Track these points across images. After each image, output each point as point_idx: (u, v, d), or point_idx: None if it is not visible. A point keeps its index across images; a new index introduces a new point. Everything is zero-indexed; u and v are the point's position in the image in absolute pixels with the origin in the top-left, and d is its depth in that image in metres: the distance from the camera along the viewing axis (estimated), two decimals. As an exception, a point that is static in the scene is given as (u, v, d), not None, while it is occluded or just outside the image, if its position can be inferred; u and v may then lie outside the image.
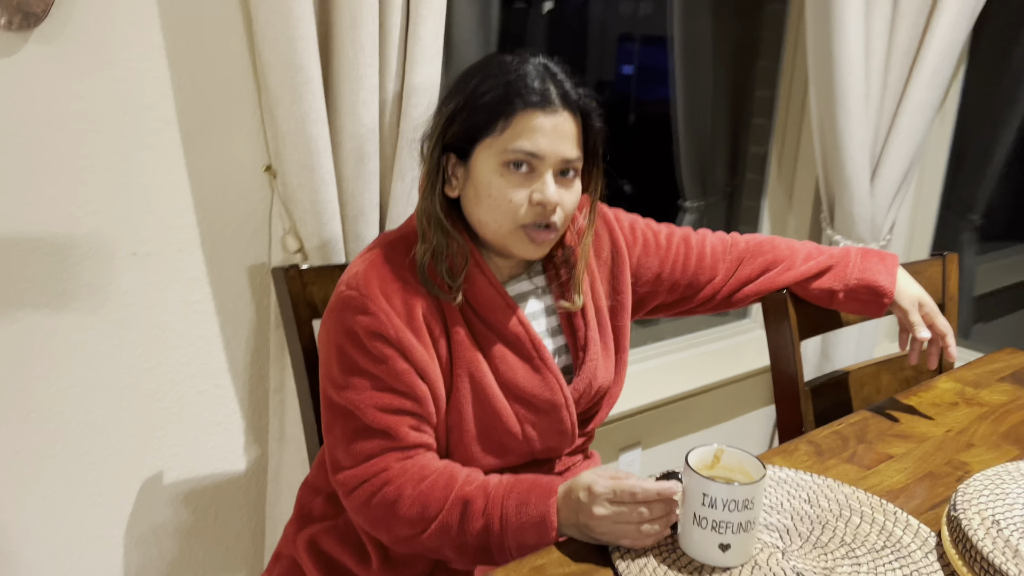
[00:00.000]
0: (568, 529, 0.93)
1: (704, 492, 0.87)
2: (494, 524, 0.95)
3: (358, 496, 1.01)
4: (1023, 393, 1.38)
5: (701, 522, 0.88)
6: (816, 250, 1.29)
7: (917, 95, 2.03)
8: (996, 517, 0.91)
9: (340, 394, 1.02)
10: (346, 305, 1.02)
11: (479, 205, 1.03)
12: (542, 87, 1.01)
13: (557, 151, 1.01)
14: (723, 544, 0.88)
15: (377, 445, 1.00)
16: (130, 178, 1.28)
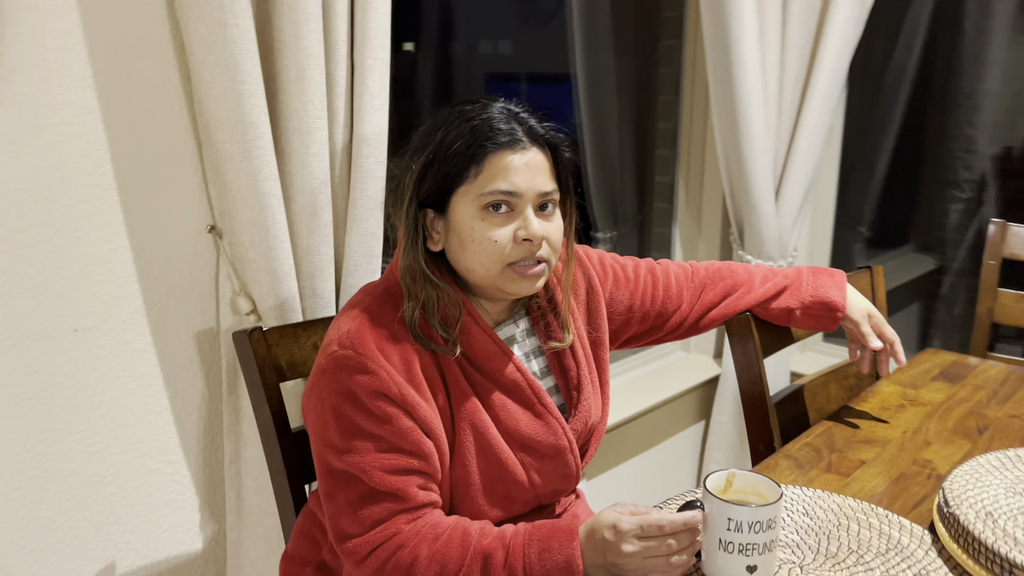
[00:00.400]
0: (594, 571, 0.93)
1: (729, 517, 0.89)
2: (518, 575, 0.93)
3: (371, 564, 0.96)
4: (956, 389, 1.49)
5: (727, 547, 0.89)
6: (770, 272, 1.35)
7: (810, 120, 2.17)
8: (988, 509, 0.97)
9: (341, 459, 0.98)
10: (342, 365, 0.98)
11: (465, 252, 1.02)
12: (508, 127, 1.01)
13: (533, 186, 1.01)
14: (750, 566, 0.90)
15: (386, 509, 0.97)
16: (68, 249, 1.20)
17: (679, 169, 2.50)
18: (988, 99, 3.32)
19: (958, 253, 3.46)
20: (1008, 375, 1.57)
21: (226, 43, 1.17)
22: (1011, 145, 3.25)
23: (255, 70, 1.20)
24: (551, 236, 1.03)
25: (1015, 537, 0.92)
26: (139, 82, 1.22)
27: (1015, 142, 3.22)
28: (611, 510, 0.94)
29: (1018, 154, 3.22)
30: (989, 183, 3.33)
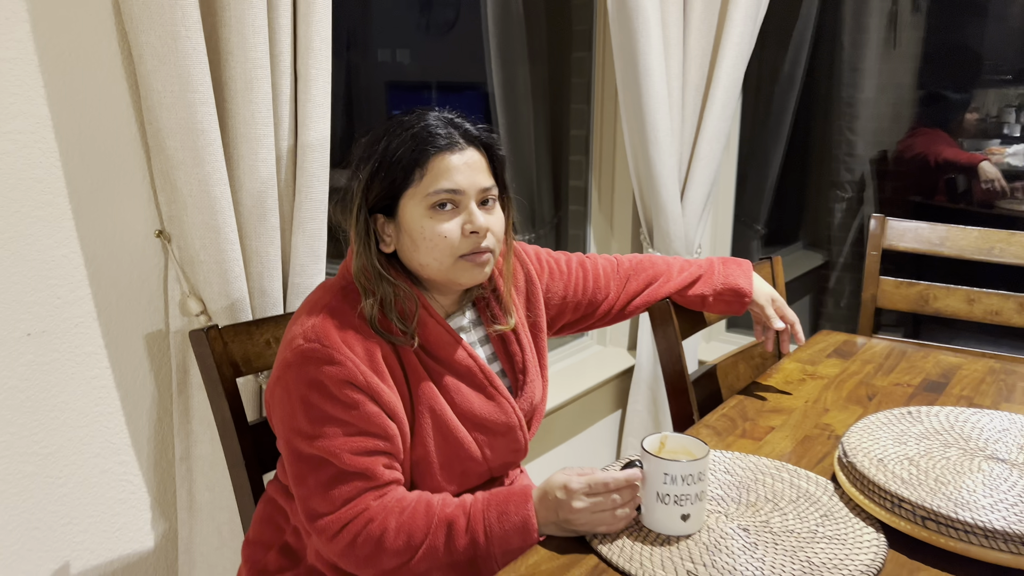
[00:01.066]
0: (548, 528, 1.03)
1: (665, 472, 1.01)
2: (479, 538, 1.03)
3: (342, 538, 1.04)
4: (848, 364, 1.68)
5: (664, 499, 1.02)
6: (686, 263, 1.49)
7: (711, 126, 2.35)
8: (879, 456, 1.13)
9: (311, 444, 1.05)
10: (308, 358, 1.06)
11: (417, 250, 1.11)
12: (446, 131, 1.11)
13: (474, 183, 1.11)
14: (684, 515, 1.02)
15: (355, 487, 1.05)
16: (21, 255, 1.22)
17: (592, 173, 2.65)
18: (866, 107, 3.62)
19: (843, 249, 3.75)
20: (891, 351, 1.76)
21: (178, 54, 1.22)
22: (887, 149, 3.55)
23: (205, 80, 1.26)
24: (494, 227, 1.14)
25: (902, 477, 1.08)
26: (88, 92, 1.26)
27: (890, 146, 3.53)
28: (561, 473, 1.04)
29: (893, 157, 3.53)
30: (868, 184, 3.63)
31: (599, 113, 2.59)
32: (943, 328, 3.22)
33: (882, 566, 0.99)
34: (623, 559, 1.00)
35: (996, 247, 2.11)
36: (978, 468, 1.11)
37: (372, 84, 2.42)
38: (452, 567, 1.04)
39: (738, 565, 0.98)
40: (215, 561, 1.46)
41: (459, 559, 1.03)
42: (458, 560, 1.03)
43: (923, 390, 1.54)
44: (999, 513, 0.99)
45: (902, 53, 3.59)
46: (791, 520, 1.07)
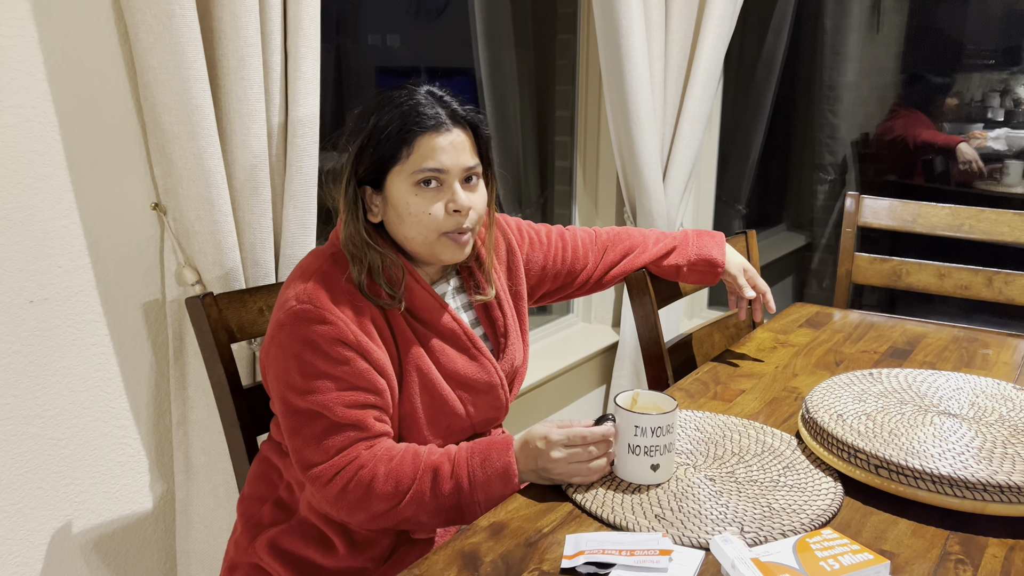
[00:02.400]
0: (527, 475, 1.10)
1: (636, 424, 1.08)
2: (463, 483, 1.09)
3: (335, 485, 1.11)
4: (819, 333, 1.75)
5: (636, 450, 1.09)
6: (661, 235, 1.56)
7: (692, 107, 2.41)
8: (839, 412, 1.20)
9: (305, 399, 1.11)
10: (301, 318, 1.12)
11: (402, 224, 1.17)
12: (433, 111, 1.17)
13: (458, 163, 1.17)
14: (653, 465, 1.09)
15: (347, 438, 1.11)
16: (24, 225, 1.28)
17: (576, 154, 2.70)
18: (848, 90, 3.68)
19: (825, 230, 3.82)
20: (861, 321, 1.84)
21: (172, 32, 1.27)
22: (868, 131, 3.62)
23: (199, 57, 1.31)
24: (476, 205, 1.20)
25: (859, 431, 1.15)
26: (87, 68, 1.31)
27: (872, 129, 3.59)
28: (541, 425, 1.11)
29: (874, 139, 3.60)
30: (850, 166, 3.70)
31: (583, 94, 2.65)
32: (920, 305, 3.30)
33: (837, 511, 1.06)
34: (596, 505, 1.06)
35: (965, 223, 2.19)
36: (930, 422, 1.18)
37: (363, 69, 2.46)
38: (438, 512, 1.10)
39: (703, 510, 1.05)
40: (211, 521, 1.53)
41: (444, 504, 1.10)
42: (443, 505, 1.10)
43: (889, 356, 1.61)
44: (946, 461, 1.06)
45: (885, 37, 3.65)
46: (755, 471, 1.14)
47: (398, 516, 1.11)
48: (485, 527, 1.03)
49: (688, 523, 1.02)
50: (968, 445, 1.11)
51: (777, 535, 1.00)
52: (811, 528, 1.01)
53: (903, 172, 3.52)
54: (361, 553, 1.19)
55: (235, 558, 1.25)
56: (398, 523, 1.12)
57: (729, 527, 1.01)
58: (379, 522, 1.12)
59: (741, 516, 1.03)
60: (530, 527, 1.03)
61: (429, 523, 1.12)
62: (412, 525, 1.13)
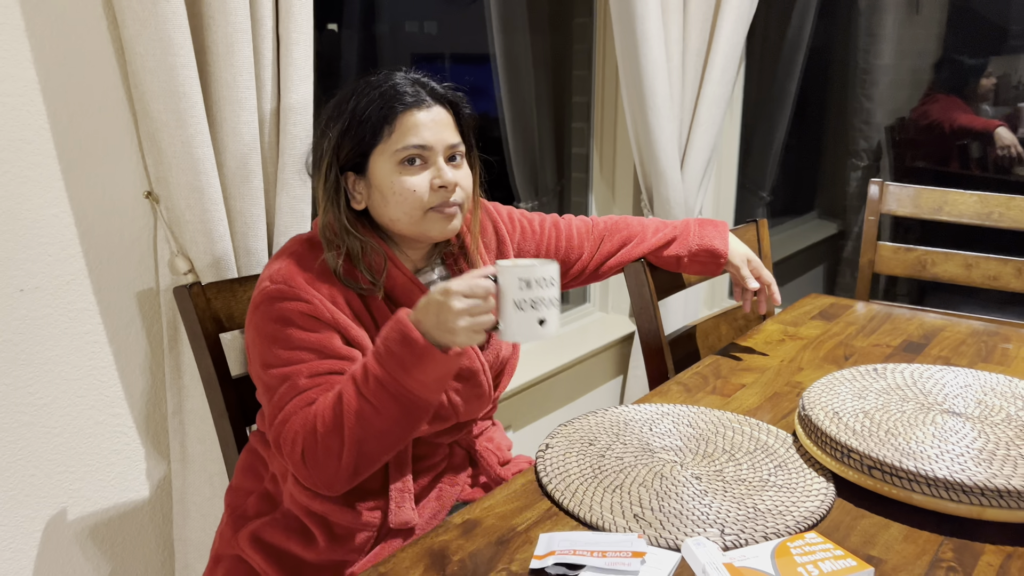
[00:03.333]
0: (434, 332, 1.02)
1: (520, 277, 1.02)
2: (375, 369, 1.03)
3: (296, 447, 1.07)
4: (831, 326, 1.69)
5: (521, 305, 1.03)
6: (661, 224, 1.51)
7: (711, 91, 2.35)
8: (836, 409, 1.15)
9: (276, 371, 1.10)
10: (274, 297, 1.11)
11: (388, 205, 1.15)
12: (413, 89, 1.15)
13: (441, 139, 1.15)
14: (540, 319, 1.03)
15: (304, 399, 1.09)
16: (13, 213, 1.28)
17: (593, 141, 2.65)
18: (883, 74, 3.56)
19: (858, 218, 3.71)
20: (876, 313, 1.77)
21: (159, 18, 1.26)
22: (904, 116, 3.50)
23: (187, 44, 1.29)
24: (462, 182, 1.17)
25: (854, 429, 1.10)
26: (75, 56, 1.30)
27: (907, 114, 3.47)
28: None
29: (910, 125, 3.48)
30: (884, 152, 3.58)
31: (600, 79, 2.60)
32: (951, 297, 3.19)
33: (827, 513, 1.02)
34: (574, 503, 1.03)
35: (995, 212, 2.10)
36: (931, 421, 1.12)
37: (398, 56, 2.45)
38: (382, 415, 1.04)
39: (685, 510, 1.01)
40: (207, 510, 1.53)
41: (382, 405, 1.04)
42: (382, 407, 1.04)
43: (901, 351, 1.55)
44: (943, 463, 1.01)
45: (925, 18, 3.52)
46: (745, 470, 1.10)
47: (359, 450, 1.05)
48: (458, 524, 1.01)
49: (667, 524, 0.98)
50: (969, 446, 1.05)
51: (759, 538, 0.95)
52: (796, 531, 0.97)
53: (939, 158, 3.40)
54: (341, 546, 1.17)
55: (219, 550, 1.24)
56: (368, 454, 1.06)
57: (709, 529, 0.97)
58: (352, 465, 1.06)
59: (724, 517, 0.99)
60: (504, 525, 1.00)
61: (391, 434, 1.06)
62: (382, 447, 1.07)
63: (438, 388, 1.05)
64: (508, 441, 1.38)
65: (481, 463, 1.28)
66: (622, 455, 1.14)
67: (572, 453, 1.15)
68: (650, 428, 1.22)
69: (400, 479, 1.18)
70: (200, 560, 1.53)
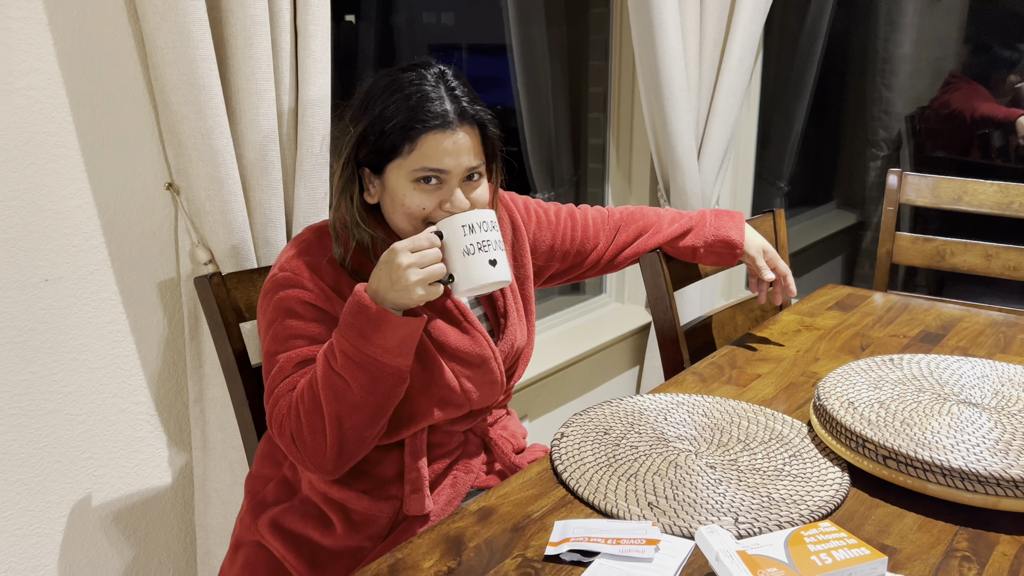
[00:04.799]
0: (391, 295, 1.04)
1: (463, 224, 1.05)
2: (342, 344, 1.05)
3: (285, 430, 1.10)
4: (848, 316, 1.68)
5: (469, 250, 1.05)
6: (677, 214, 1.51)
7: (728, 81, 2.34)
8: (851, 400, 1.15)
9: (271, 357, 1.14)
10: (280, 284, 1.13)
11: (396, 214, 1.16)
12: (440, 109, 1.12)
13: (460, 164, 1.13)
14: (491, 260, 1.05)
15: (291, 382, 1.12)
16: (37, 205, 1.30)
17: (610, 131, 2.65)
18: (903, 63, 3.52)
19: (878, 209, 3.69)
20: (893, 304, 1.76)
21: (178, 11, 1.27)
22: (924, 105, 3.47)
23: (206, 36, 1.31)
24: (476, 204, 1.16)
25: (869, 419, 1.10)
26: (97, 48, 1.32)
27: (927, 103, 3.44)
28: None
29: (931, 114, 3.45)
30: (904, 142, 3.55)
31: (617, 69, 2.59)
32: (971, 288, 3.17)
33: (841, 503, 1.02)
34: (589, 491, 1.04)
35: (1016, 201, 2.08)
36: (947, 412, 1.12)
37: (416, 47, 2.45)
38: (353, 387, 1.05)
39: (699, 499, 1.02)
40: (228, 497, 1.55)
41: (349, 378, 1.05)
42: (351, 380, 1.05)
43: (919, 341, 1.55)
44: (959, 453, 1.01)
45: (946, 6, 3.49)
46: (759, 459, 1.11)
47: (338, 422, 1.06)
48: (473, 511, 1.02)
49: (681, 512, 0.99)
50: (985, 437, 1.05)
51: (773, 526, 0.96)
52: (810, 520, 0.97)
53: (960, 147, 3.37)
54: (358, 532, 1.19)
55: (240, 536, 1.27)
56: (350, 430, 1.07)
57: (723, 517, 0.98)
58: (337, 443, 1.07)
59: (738, 506, 1.00)
60: (519, 512, 1.01)
61: (367, 405, 1.07)
62: (361, 421, 1.08)
63: (402, 352, 1.06)
64: (523, 430, 1.39)
65: (496, 451, 1.29)
66: (637, 444, 1.15)
67: (587, 442, 1.16)
68: (665, 418, 1.22)
69: (416, 466, 1.20)
70: (221, 546, 1.55)
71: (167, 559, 1.58)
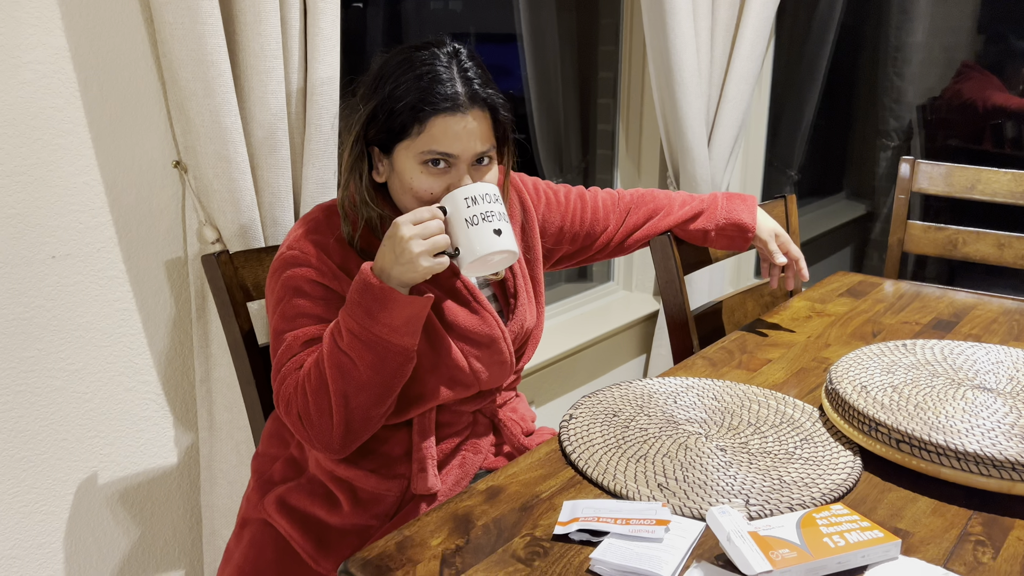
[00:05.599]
0: (396, 270, 1.04)
1: (465, 196, 1.05)
2: (348, 323, 1.05)
3: (292, 407, 1.10)
4: (859, 303, 1.67)
5: (474, 221, 1.05)
6: (688, 197, 1.50)
7: (740, 67, 2.32)
8: (864, 383, 1.14)
9: (279, 336, 1.13)
10: (288, 262, 1.13)
11: (404, 196, 1.14)
12: (452, 91, 1.09)
13: (469, 149, 1.11)
14: (496, 230, 1.05)
15: (298, 361, 1.12)
16: (44, 181, 1.29)
17: (619, 117, 2.63)
18: (916, 52, 3.49)
19: (888, 199, 3.66)
20: (906, 291, 1.75)
21: (187, -13, 1.26)
22: (936, 95, 3.43)
23: (215, 12, 1.30)
24: None
25: (882, 403, 1.09)
26: (105, 24, 1.31)
27: (939, 93, 3.41)
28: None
29: (943, 105, 3.41)
30: (915, 132, 3.52)
31: (627, 54, 2.57)
32: (984, 278, 3.15)
33: (853, 486, 1.01)
34: (598, 472, 1.03)
35: (1030, 190, 2.05)
36: (962, 397, 1.11)
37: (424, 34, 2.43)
38: (361, 365, 1.05)
39: (709, 481, 1.01)
40: (234, 478, 1.55)
41: (356, 357, 1.04)
42: (357, 359, 1.04)
43: (931, 328, 1.53)
44: (973, 437, 1.00)
45: (960, -6, 3.45)
46: (770, 443, 1.10)
47: (344, 400, 1.06)
48: (482, 490, 1.01)
49: (691, 493, 0.98)
50: (1000, 421, 1.04)
51: (784, 509, 0.95)
52: (822, 503, 0.96)
53: (972, 137, 3.34)
54: (365, 510, 1.18)
55: (246, 514, 1.26)
56: (356, 409, 1.07)
57: (734, 499, 0.97)
58: (343, 422, 1.07)
59: (749, 488, 0.99)
60: (528, 492, 1.01)
61: (373, 384, 1.06)
62: (368, 400, 1.07)
63: (409, 331, 1.06)
64: (532, 413, 1.38)
65: (504, 432, 1.28)
66: (646, 426, 1.14)
67: (596, 423, 1.15)
68: (674, 401, 1.21)
69: (423, 445, 1.19)
70: (227, 526, 1.55)
71: (173, 538, 1.58)
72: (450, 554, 0.89)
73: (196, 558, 1.62)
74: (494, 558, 0.88)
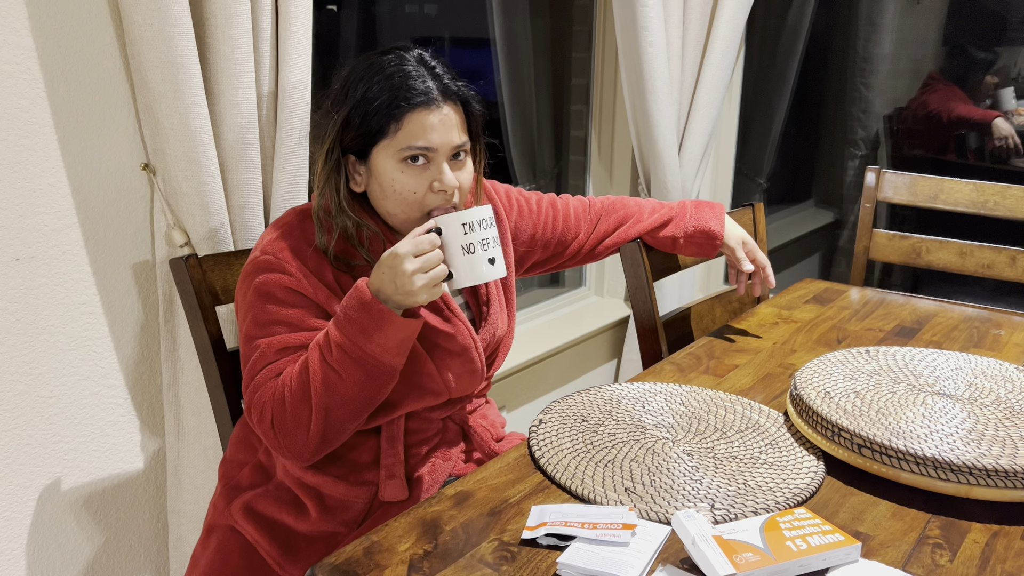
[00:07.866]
0: (395, 298, 1.04)
1: (463, 222, 1.06)
2: (340, 339, 1.05)
3: (265, 416, 1.09)
4: (824, 310, 1.70)
5: (470, 248, 1.06)
6: (658, 205, 1.51)
7: (710, 76, 2.34)
8: (827, 389, 1.16)
9: (251, 342, 1.12)
10: (262, 267, 1.12)
11: (387, 200, 1.15)
12: (424, 86, 1.12)
13: (447, 141, 1.12)
14: (490, 259, 1.06)
15: (272, 370, 1.11)
16: (9, 182, 1.28)
17: (592, 123, 2.65)
18: (883, 62, 3.55)
19: (855, 207, 3.72)
20: (869, 298, 1.78)
21: (156, -12, 1.25)
22: (902, 105, 3.50)
23: (185, 14, 1.29)
24: (463, 183, 1.16)
25: (845, 409, 1.11)
26: (73, 24, 1.30)
27: (905, 103, 3.47)
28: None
29: (909, 115, 3.48)
30: (882, 141, 3.58)
31: (600, 62, 2.59)
32: (945, 286, 3.21)
33: (816, 490, 1.03)
34: (566, 477, 1.04)
35: (991, 200, 2.10)
36: (922, 402, 1.13)
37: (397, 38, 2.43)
38: (347, 381, 1.05)
39: (676, 485, 1.02)
40: (201, 483, 1.53)
41: (345, 373, 1.05)
42: (346, 375, 1.05)
43: (894, 335, 1.56)
44: (932, 442, 1.02)
45: (926, 7, 3.51)
46: (736, 447, 1.11)
47: (325, 413, 1.06)
48: (450, 495, 1.01)
49: (658, 498, 0.99)
50: (958, 427, 1.06)
51: (749, 513, 0.96)
52: (785, 507, 0.98)
53: (937, 148, 3.40)
54: (333, 517, 1.18)
55: (213, 520, 1.25)
56: (335, 421, 1.07)
57: (700, 503, 0.98)
58: (320, 433, 1.07)
59: (715, 492, 1.00)
60: (496, 497, 1.01)
61: (357, 400, 1.07)
62: (349, 414, 1.07)
63: (400, 352, 1.07)
64: (502, 419, 1.38)
65: (475, 439, 1.29)
66: (614, 431, 1.15)
67: (565, 428, 1.16)
68: (643, 406, 1.22)
69: (392, 453, 1.19)
70: (193, 532, 1.54)
71: (138, 544, 1.56)
72: (418, 559, 0.89)
73: (162, 565, 1.60)
74: (462, 563, 0.88)
